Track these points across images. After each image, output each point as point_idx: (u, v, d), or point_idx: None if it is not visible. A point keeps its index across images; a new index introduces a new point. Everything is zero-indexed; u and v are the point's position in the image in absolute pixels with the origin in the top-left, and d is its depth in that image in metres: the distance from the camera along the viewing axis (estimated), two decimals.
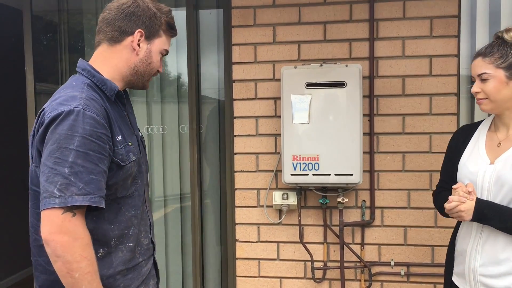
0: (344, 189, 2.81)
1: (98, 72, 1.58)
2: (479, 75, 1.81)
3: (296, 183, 2.75)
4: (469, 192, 1.80)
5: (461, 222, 1.94)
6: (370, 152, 2.84)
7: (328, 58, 2.86)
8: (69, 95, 1.46)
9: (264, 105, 2.93)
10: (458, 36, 2.76)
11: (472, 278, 1.85)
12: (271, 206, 2.94)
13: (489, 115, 1.97)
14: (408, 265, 2.85)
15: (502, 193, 1.75)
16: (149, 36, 1.60)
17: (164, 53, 1.68)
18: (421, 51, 2.78)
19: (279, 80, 2.88)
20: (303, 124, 2.68)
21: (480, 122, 1.98)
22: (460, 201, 1.79)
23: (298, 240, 2.92)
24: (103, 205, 1.43)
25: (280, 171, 2.81)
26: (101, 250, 1.52)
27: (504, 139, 1.83)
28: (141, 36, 1.59)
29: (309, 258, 2.92)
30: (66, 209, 1.36)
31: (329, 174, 2.67)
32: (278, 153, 2.91)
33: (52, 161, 1.37)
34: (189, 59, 3.08)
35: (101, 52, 1.60)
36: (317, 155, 2.68)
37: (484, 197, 1.81)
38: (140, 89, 1.70)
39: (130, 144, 1.58)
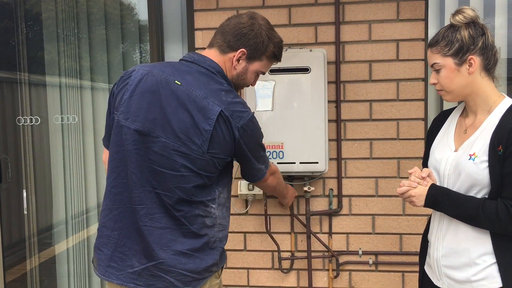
0: (310, 178, 2.75)
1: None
2: (432, 66, 1.75)
3: None
4: (423, 178, 1.75)
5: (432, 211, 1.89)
6: (337, 139, 2.77)
7: (294, 43, 2.78)
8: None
9: None
10: (425, 20, 2.69)
11: (437, 269, 1.81)
12: (237, 196, 2.86)
13: None
14: (376, 253, 2.81)
15: (459, 181, 1.69)
16: (251, 57, 1.81)
17: (260, 74, 1.91)
18: (388, 35, 2.70)
19: None
20: (267, 111, 2.60)
21: (456, 107, 1.92)
22: (411, 186, 1.74)
23: (265, 230, 2.85)
24: None
25: None
26: None
27: (470, 126, 1.77)
28: (242, 54, 1.79)
29: (276, 248, 2.85)
30: None
31: (294, 163, 2.60)
32: None
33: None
34: (152, 43, 2.98)
35: (214, 56, 1.81)
36: (282, 143, 2.60)
37: (445, 185, 1.76)
38: None
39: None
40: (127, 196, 1.74)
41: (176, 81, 1.72)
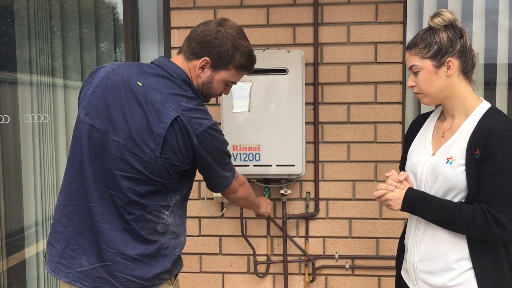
0: (287, 181, 2.70)
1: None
2: (410, 68, 1.73)
3: None
4: (400, 181, 1.73)
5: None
6: (315, 142, 2.74)
7: (272, 43, 2.74)
8: None
9: None
10: (404, 23, 2.68)
11: (413, 273, 1.78)
12: (212, 199, 2.81)
13: None
14: (352, 257, 2.78)
15: (436, 185, 1.67)
16: (216, 66, 1.75)
17: (230, 84, 1.84)
18: (366, 38, 2.69)
19: None
20: (244, 112, 2.55)
21: (433, 111, 1.90)
22: (388, 189, 1.72)
23: (241, 233, 2.80)
24: None
25: None
26: None
27: (448, 129, 1.75)
28: (206, 63, 1.74)
29: (252, 252, 2.81)
30: None
31: (271, 165, 2.56)
32: None
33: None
34: (127, 42, 2.91)
35: (180, 62, 1.77)
36: (258, 145, 2.56)
37: (422, 189, 1.74)
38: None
39: None
40: (83, 193, 1.70)
41: (138, 82, 1.68)
